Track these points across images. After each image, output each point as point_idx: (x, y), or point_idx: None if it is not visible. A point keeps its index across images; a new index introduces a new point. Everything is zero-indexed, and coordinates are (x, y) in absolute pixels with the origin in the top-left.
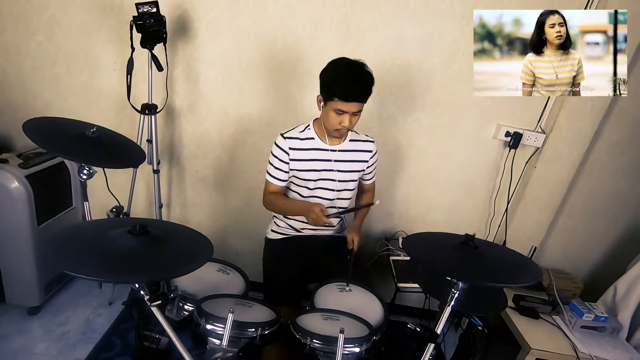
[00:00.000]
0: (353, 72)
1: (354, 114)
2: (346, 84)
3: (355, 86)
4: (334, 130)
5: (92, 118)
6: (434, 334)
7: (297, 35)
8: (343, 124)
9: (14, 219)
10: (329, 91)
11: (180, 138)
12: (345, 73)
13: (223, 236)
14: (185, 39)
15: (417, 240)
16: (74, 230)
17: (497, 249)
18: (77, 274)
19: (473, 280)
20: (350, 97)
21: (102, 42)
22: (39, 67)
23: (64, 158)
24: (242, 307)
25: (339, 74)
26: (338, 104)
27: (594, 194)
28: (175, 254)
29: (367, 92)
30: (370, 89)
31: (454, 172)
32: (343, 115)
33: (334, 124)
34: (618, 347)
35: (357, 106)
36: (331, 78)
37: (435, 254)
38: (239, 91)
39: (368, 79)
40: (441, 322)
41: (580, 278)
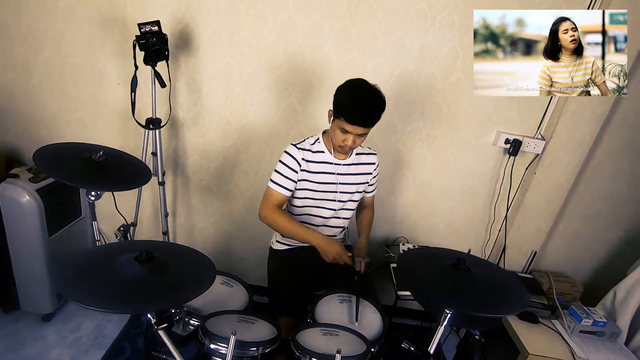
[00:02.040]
0: (365, 97)
1: (359, 136)
2: (354, 108)
3: (363, 111)
4: (338, 146)
5: (99, 130)
6: (427, 354)
7: (297, 47)
8: (346, 143)
9: (26, 231)
10: (337, 109)
11: (185, 149)
12: (357, 96)
13: (228, 242)
14: (187, 53)
15: (410, 260)
16: (83, 257)
17: (490, 270)
18: (88, 306)
19: (461, 309)
20: (356, 121)
21: (106, 57)
22: (47, 81)
23: (73, 185)
24: (245, 324)
25: (351, 96)
26: (343, 123)
27: (594, 198)
28: (180, 279)
29: (373, 119)
30: (378, 117)
31: (454, 179)
32: (347, 135)
33: (339, 140)
34: (616, 352)
35: (361, 130)
36: (343, 97)
37: (426, 279)
38: (241, 102)
39: (378, 106)
40: (434, 342)
41: (581, 282)
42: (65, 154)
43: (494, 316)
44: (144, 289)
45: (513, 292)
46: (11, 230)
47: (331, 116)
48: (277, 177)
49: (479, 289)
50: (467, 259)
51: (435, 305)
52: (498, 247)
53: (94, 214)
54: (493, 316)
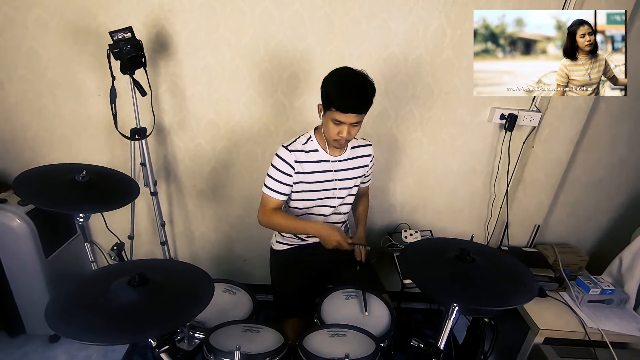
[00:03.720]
0: (352, 83)
1: (353, 125)
2: (344, 95)
3: (354, 97)
4: (333, 141)
5: (84, 145)
6: (438, 350)
7: (278, 40)
8: (341, 135)
9: (22, 256)
10: (327, 101)
11: (175, 156)
12: (344, 84)
13: (229, 245)
14: (166, 56)
15: (412, 255)
16: (76, 288)
17: (494, 257)
18: (82, 341)
19: (467, 305)
20: (348, 108)
21: (83, 69)
22: (24, 100)
23: (57, 211)
24: (250, 334)
25: (338, 85)
26: (335, 114)
27: (594, 166)
28: (177, 299)
29: (365, 104)
30: (370, 101)
31: (452, 159)
32: (341, 126)
33: (333, 134)
34: (625, 318)
35: (355, 117)
36: (330, 88)
37: (430, 274)
38: (227, 103)
39: (368, 91)
40: (443, 337)
41: (586, 251)
42: (46, 178)
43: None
44: (140, 315)
45: (520, 280)
46: (6, 256)
47: (321, 110)
48: (271, 182)
49: (485, 280)
50: (471, 249)
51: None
52: (501, 223)
53: (85, 236)
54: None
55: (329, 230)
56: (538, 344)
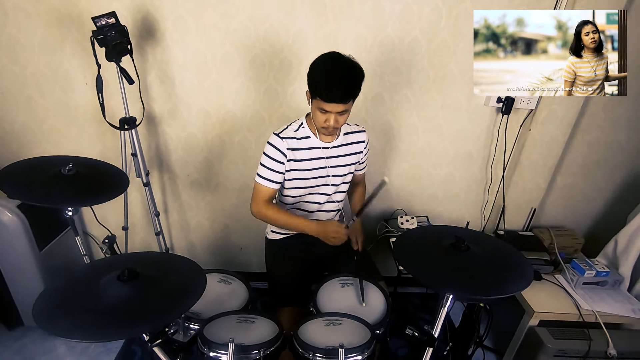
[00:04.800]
0: (338, 72)
1: (340, 114)
2: (329, 85)
3: (338, 87)
4: (321, 128)
5: (73, 137)
6: (432, 338)
7: (269, 24)
8: (328, 123)
9: (15, 249)
10: (313, 89)
11: (166, 145)
12: (330, 72)
13: (225, 234)
14: (153, 43)
15: (407, 244)
16: (65, 286)
17: (490, 244)
18: (72, 339)
19: (462, 294)
20: (333, 98)
21: (67, 57)
22: (8, 92)
23: (44, 206)
24: (245, 325)
25: (324, 73)
26: (321, 103)
27: (591, 148)
28: (168, 293)
29: (351, 93)
30: (357, 88)
31: (448, 144)
32: (327, 114)
33: (320, 122)
34: (620, 300)
35: (340, 107)
36: (316, 76)
37: (425, 264)
38: (218, 90)
39: (354, 79)
40: (437, 325)
41: (581, 233)
42: (32, 172)
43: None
44: (130, 310)
45: (515, 267)
46: None
47: (309, 98)
48: (263, 170)
49: (480, 268)
50: (466, 237)
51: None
52: (497, 208)
53: (75, 229)
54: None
55: (324, 227)
56: (533, 326)
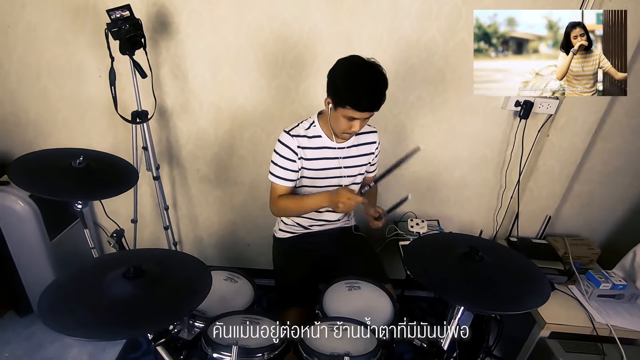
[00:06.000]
0: (366, 79)
1: (366, 119)
2: (359, 94)
3: (369, 96)
4: (342, 133)
5: (86, 128)
6: (441, 351)
7: (283, 19)
8: (353, 129)
9: (26, 238)
10: (339, 97)
11: (177, 139)
12: (357, 80)
13: (233, 230)
14: (167, 37)
15: (418, 251)
16: (71, 280)
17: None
18: (75, 336)
19: (474, 307)
20: (366, 107)
21: (82, 49)
22: (24, 81)
23: (53, 199)
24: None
25: (351, 81)
26: (349, 112)
27: (612, 155)
28: (174, 292)
29: (380, 100)
30: (384, 96)
31: (462, 147)
32: (354, 122)
33: (344, 128)
34: (636, 314)
35: (369, 114)
36: (342, 84)
37: (436, 273)
38: (230, 85)
39: (382, 85)
40: (447, 339)
41: (598, 243)
42: (42, 164)
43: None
44: (135, 309)
45: (532, 281)
46: (11, 238)
47: (330, 104)
48: (276, 169)
49: (494, 281)
50: (479, 247)
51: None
52: (510, 214)
53: (84, 222)
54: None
55: (335, 194)
56: (544, 337)
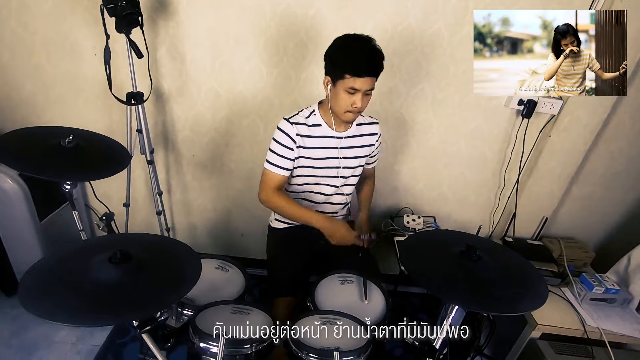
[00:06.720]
0: (362, 45)
1: (366, 93)
2: (357, 57)
3: (367, 58)
4: (344, 114)
5: (80, 107)
6: (433, 349)
7: (286, 5)
8: (355, 105)
9: (16, 218)
10: (338, 68)
11: (173, 123)
12: (354, 47)
13: (227, 218)
14: (165, 16)
15: (414, 247)
16: (54, 264)
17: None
18: (55, 321)
19: (469, 306)
20: (363, 70)
21: (77, 26)
22: (17, 57)
23: (38, 177)
24: (239, 316)
25: (348, 49)
26: (350, 81)
27: (614, 158)
28: (161, 279)
29: (379, 64)
30: (382, 63)
31: (462, 144)
32: (355, 95)
33: (346, 105)
34: (627, 319)
35: (370, 82)
36: (339, 54)
37: (431, 270)
38: (229, 70)
39: (378, 51)
40: (439, 338)
41: (592, 246)
42: (30, 141)
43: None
44: (120, 295)
45: (529, 283)
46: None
47: (329, 84)
48: (273, 156)
49: (490, 281)
50: (477, 246)
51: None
52: (507, 213)
53: (73, 204)
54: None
55: (335, 226)
56: (534, 338)
